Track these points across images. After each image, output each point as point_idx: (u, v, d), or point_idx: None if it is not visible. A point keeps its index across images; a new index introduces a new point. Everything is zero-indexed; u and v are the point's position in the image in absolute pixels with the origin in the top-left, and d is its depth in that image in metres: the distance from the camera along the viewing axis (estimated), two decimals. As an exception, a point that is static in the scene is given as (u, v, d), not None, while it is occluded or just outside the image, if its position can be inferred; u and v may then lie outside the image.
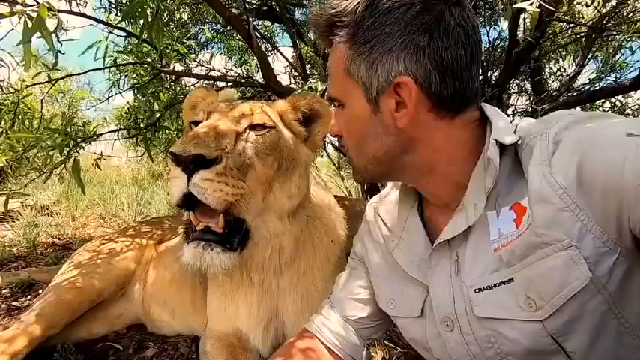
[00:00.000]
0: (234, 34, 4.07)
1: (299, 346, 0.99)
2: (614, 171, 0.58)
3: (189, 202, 1.00)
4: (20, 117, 2.42)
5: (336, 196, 1.78)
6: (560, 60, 3.72)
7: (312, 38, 3.56)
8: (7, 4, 1.54)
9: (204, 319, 1.53)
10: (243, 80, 3.27)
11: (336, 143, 4.80)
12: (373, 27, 0.72)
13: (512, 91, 3.99)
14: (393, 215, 0.98)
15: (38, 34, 1.30)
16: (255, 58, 3.58)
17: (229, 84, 3.02)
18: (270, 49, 4.24)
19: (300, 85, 3.41)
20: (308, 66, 4.01)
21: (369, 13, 0.72)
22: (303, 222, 1.33)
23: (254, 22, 2.92)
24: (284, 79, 4.54)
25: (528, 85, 3.99)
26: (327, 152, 5.23)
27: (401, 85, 0.73)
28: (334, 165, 5.57)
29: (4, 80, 2.42)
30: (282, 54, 3.92)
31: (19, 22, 1.36)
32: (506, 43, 2.76)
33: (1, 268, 2.75)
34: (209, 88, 1.46)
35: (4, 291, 2.27)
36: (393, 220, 0.98)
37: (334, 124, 0.89)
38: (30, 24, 1.22)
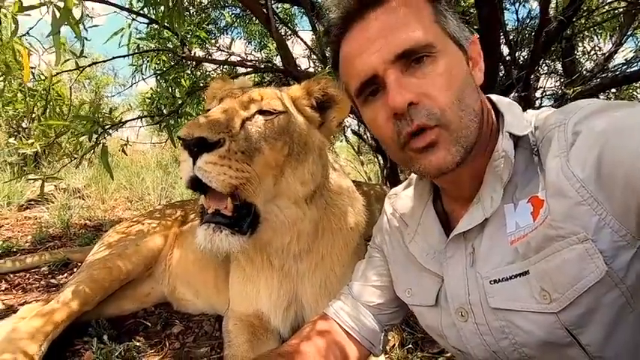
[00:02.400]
0: (254, 18, 4.04)
1: (318, 329, 1.01)
2: (636, 162, 0.56)
3: (199, 184, 1.02)
4: (51, 103, 2.52)
5: (354, 181, 1.78)
6: (595, 38, 3.49)
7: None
8: (35, -6, 1.59)
9: (227, 299, 1.59)
10: (263, 65, 3.26)
11: (355, 128, 4.78)
12: None
13: (542, 72, 3.80)
14: (408, 209, 0.99)
15: (66, 23, 1.34)
16: (274, 42, 3.55)
17: (249, 69, 3.02)
18: (289, 33, 4.19)
19: (319, 70, 3.37)
20: (328, 49, 3.94)
21: None
22: (321, 208, 1.34)
23: (273, 6, 2.88)
24: (303, 63, 4.50)
25: (559, 66, 3.79)
26: (346, 137, 5.20)
27: (475, 43, 0.78)
28: (354, 149, 5.54)
29: (35, 68, 2.51)
30: (301, 38, 3.87)
31: (47, 11, 1.41)
32: (537, 22, 2.62)
33: (39, 248, 2.94)
34: (226, 78, 1.47)
35: (42, 269, 2.44)
36: (408, 214, 0.98)
37: (401, 89, 0.70)
38: (58, 14, 1.26)
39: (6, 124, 6.45)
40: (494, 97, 0.83)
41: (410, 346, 1.50)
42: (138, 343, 1.57)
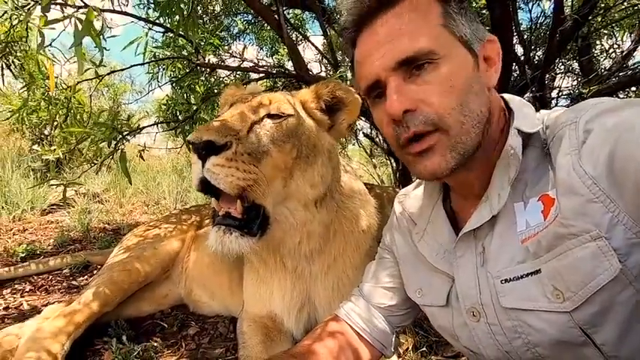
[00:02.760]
0: (266, 24, 4.11)
1: (329, 330, 1.02)
2: None
3: (210, 188, 1.05)
4: (72, 111, 2.62)
5: (366, 184, 1.78)
6: (613, 36, 3.41)
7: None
8: (58, 7, 1.67)
9: (241, 301, 1.62)
10: (275, 71, 3.31)
11: (367, 131, 4.77)
12: None
13: (558, 71, 3.73)
14: (418, 209, 0.99)
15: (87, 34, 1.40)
16: (286, 47, 3.60)
17: (261, 75, 3.07)
18: (300, 38, 4.24)
19: (330, 74, 3.39)
20: (339, 53, 3.97)
21: None
22: (332, 211, 1.36)
23: (284, 12, 2.93)
24: (315, 68, 4.54)
25: (576, 65, 3.71)
26: (358, 140, 5.20)
27: (492, 43, 0.76)
28: (366, 152, 5.54)
29: (57, 77, 2.61)
30: (312, 43, 3.91)
31: (70, 23, 1.47)
32: (551, 21, 2.58)
33: (61, 251, 3.04)
34: (238, 85, 1.51)
35: (64, 271, 2.53)
36: (418, 213, 0.99)
37: (400, 96, 0.71)
38: (80, 27, 1.32)
39: (30, 132, 6.71)
40: (507, 96, 0.84)
41: (424, 349, 1.49)
42: (155, 344, 1.61)
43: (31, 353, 1.30)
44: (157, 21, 2.56)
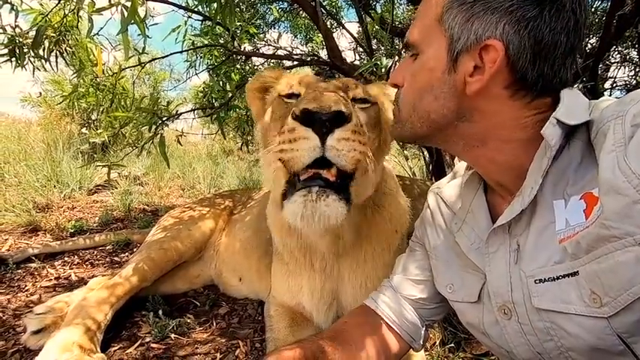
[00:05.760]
0: (300, 12, 4.09)
1: (358, 318, 1.03)
2: None
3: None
4: (117, 97, 2.76)
5: (397, 176, 1.74)
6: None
7: (379, 11, 3.43)
8: (105, -3, 1.75)
9: (269, 286, 1.65)
10: (309, 59, 3.29)
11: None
12: None
13: (613, 60, 3.43)
14: (457, 198, 0.96)
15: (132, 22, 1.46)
16: (320, 35, 3.57)
17: (295, 62, 3.06)
18: (335, 25, 4.18)
19: (365, 62, 3.33)
20: (374, 41, 3.89)
21: None
22: (366, 209, 1.31)
23: (320, -2, 2.89)
24: (349, 56, 4.47)
25: (634, 53, 3.40)
26: (391, 131, 5.10)
27: (488, 49, 0.69)
28: (398, 144, 5.43)
29: (104, 64, 2.75)
30: (347, 30, 3.84)
31: (117, 11, 1.54)
32: (608, 4, 2.37)
33: (105, 228, 3.25)
34: (277, 68, 1.49)
35: (107, 247, 2.71)
36: (457, 203, 0.95)
37: (397, 71, 0.84)
38: (126, 14, 1.37)
39: (79, 116, 7.15)
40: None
41: (451, 345, 1.46)
42: (188, 320, 1.70)
43: (78, 320, 1.41)
44: (196, 9, 2.62)
